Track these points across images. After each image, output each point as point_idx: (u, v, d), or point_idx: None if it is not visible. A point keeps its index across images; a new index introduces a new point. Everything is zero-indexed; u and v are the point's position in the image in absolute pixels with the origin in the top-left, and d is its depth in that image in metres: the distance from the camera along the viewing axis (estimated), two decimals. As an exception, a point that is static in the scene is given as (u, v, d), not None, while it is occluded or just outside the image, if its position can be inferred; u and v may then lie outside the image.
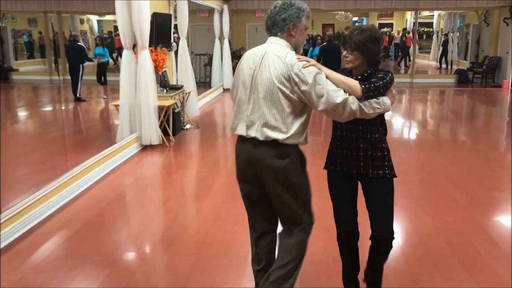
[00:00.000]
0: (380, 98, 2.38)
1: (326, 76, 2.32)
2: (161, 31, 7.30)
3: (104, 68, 10.70)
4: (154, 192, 5.16)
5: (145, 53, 6.37)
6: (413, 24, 16.64)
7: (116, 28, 8.26)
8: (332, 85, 2.30)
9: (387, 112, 2.52)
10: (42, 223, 4.06)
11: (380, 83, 2.36)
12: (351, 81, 2.34)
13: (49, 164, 5.69)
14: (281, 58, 2.31)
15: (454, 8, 15.51)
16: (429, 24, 20.36)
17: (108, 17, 13.98)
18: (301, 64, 2.29)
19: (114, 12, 6.32)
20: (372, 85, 2.33)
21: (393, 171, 2.58)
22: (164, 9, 7.77)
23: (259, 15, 14.73)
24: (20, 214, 3.85)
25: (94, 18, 13.86)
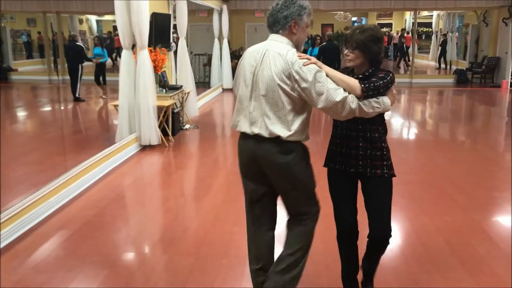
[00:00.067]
0: (380, 97, 2.39)
1: (326, 74, 2.33)
2: (160, 31, 7.30)
3: (102, 68, 10.69)
4: (153, 192, 5.16)
5: (144, 53, 6.37)
6: (412, 24, 16.65)
7: (115, 28, 8.26)
8: (332, 83, 2.32)
9: (386, 112, 2.52)
10: (42, 223, 4.06)
11: (380, 82, 2.37)
12: (351, 80, 2.35)
13: (48, 164, 5.68)
14: (282, 55, 2.33)
15: (453, 8, 15.52)
16: (428, 24, 20.35)
17: (107, 17, 13.97)
18: (302, 62, 2.30)
19: (113, 12, 6.32)
20: (372, 85, 2.34)
21: (392, 170, 2.59)
22: (163, 9, 7.77)
23: (258, 15, 14.73)
24: (20, 214, 3.85)
25: (93, 18, 13.84)
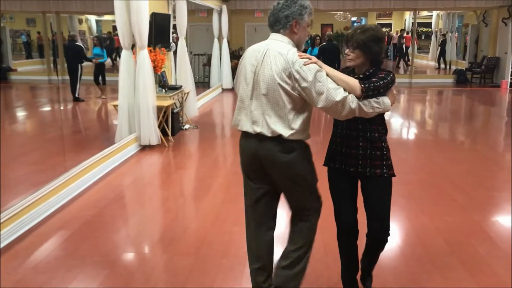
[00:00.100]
0: (380, 97, 2.40)
1: (327, 74, 2.34)
2: (160, 31, 7.29)
3: (101, 68, 10.69)
4: (153, 192, 5.15)
5: (144, 53, 6.36)
6: (412, 24, 16.65)
7: (115, 28, 8.26)
8: (332, 83, 2.33)
9: (386, 112, 2.53)
10: (41, 223, 4.06)
11: (381, 83, 2.37)
12: (351, 80, 2.35)
13: (48, 164, 5.68)
14: (282, 55, 2.34)
15: (452, 8, 15.53)
16: (427, 24, 20.36)
17: (106, 17, 13.97)
18: (302, 61, 2.31)
19: (113, 12, 6.32)
20: (372, 85, 2.35)
21: (391, 170, 2.60)
22: (163, 9, 7.76)
23: (258, 15, 14.73)
24: (19, 214, 3.85)
25: (92, 18, 13.84)
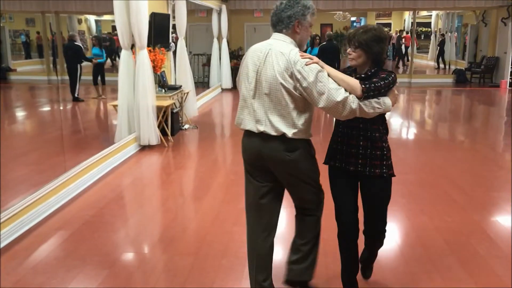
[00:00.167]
0: (381, 98, 2.40)
1: (328, 74, 2.35)
2: (160, 31, 7.29)
3: (100, 68, 10.67)
4: (152, 192, 5.15)
5: (144, 53, 6.36)
6: (411, 24, 16.65)
7: (115, 28, 8.24)
8: (334, 83, 2.34)
9: (387, 112, 2.53)
10: (41, 223, 4.06)
11: (382, 83, 2.38)
12: (352, 80, 2.37)
13: (48, 164, 5.68)
14: (284, 54, 2.36)
15: (452, 8, 15.53)
16: (427, 24, 20.37)
17: (106, 17, 13.94)
18: (304, 61, 2.33)
19: (112, 12, 6.31)
20: (372, 85, 2.36)
21: (391, 170, 2.61)
22: (162, 9, 7.76)
23: (258, 15, 14.73)
24: (19, 214, 3.85)
25: (92, 18, 13.82)
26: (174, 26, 8.72)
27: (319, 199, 2.71)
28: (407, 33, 19.00)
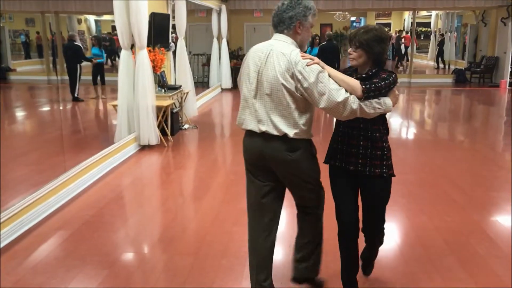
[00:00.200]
0: (382, 98, 2.41)
1: (329, 75, 2.36)
2: (159, 31, 7.29)
3: (100, 68, 10.67)
4: (152, 192, 5.15)
5: (143, 53, 6.36)
6: (411, 24, 16.66)
7: (114, 28, 8.24)
8: (334, 84, 2.35)
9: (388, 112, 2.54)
10: (41, 223, 4.06)
11: (382, 83, 2.39)
12: (352, 81, 2.37)
13: (48, 164, 5.68)
14: (285, 55, 2.38)
15: (451, 8, 15.53)
16: (427, 24, 20.37)
17: (106, 17, 13.93)
18: (305, 62, 2.34)
19: (112, 12, 6.31)
20: (373, 86, 2.36)
21: (391, 170, 2.62)
22: (162, 9, 7.76)
23: (257, 15, 14.73)
24: (19, 214, 3.85)
25: (92, 18, 13.81)
26: (174, 26, 8.72)
27: (320, 197, 2.74)
28: (407, 33, 19.00)
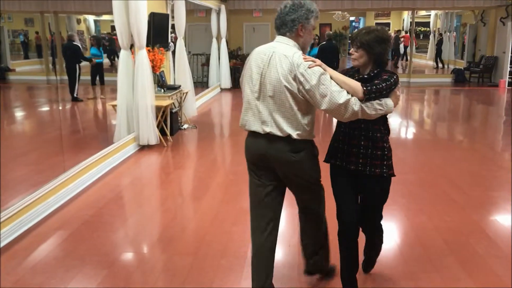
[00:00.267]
0: (383, 99, 2.43)
1: (330, 77, 2.38)
2: (159, 31, 7.29)
3: (99, 68, 10.67)
4: (151, 192, 5.15)
5: (143, 53, 6.36)
6: (410, 23, 16.67)
7: (114, 28, 8.24)
8: (336, 85, 2.37)
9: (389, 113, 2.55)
10: (40, 223, 4.05)
11: (383, 85, 2.40)
12: (353, 83, 2.39)
13: (47, 164, 5.67)
14: (288, 57, 2.39)
15: (451, 8, 15.54)
16: (426, 24, 20.39)
17: (105, 17, 13.93)
18: (307, 64, 2.36)
19: (111, 12, 6.31)
20: (374, 87, 2.38)
21: (391, 170, 2.63)
22: (161, 9, 7.76)
23: (257, 15, 14.73)
24: (18, 214, 3.84)
25: (91, 18, 13.81)
26: (173, 26, 8.72)
27: (321, 197, 2.78)
28: (406, 32, 19.02)
